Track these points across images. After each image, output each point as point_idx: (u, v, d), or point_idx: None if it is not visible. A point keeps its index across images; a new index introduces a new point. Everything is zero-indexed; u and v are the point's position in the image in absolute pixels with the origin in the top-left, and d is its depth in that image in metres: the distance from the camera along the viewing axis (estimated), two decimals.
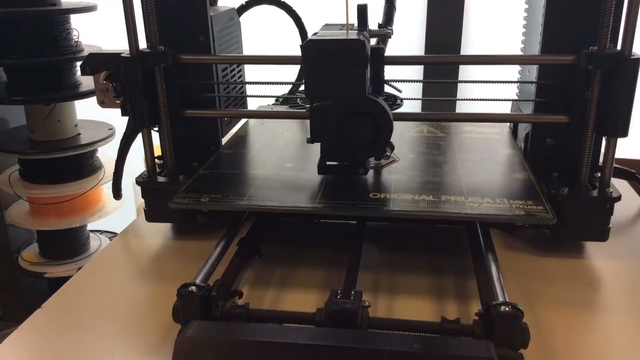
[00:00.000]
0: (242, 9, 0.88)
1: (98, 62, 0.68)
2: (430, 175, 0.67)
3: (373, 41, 0.67)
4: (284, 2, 0.86)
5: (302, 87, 1.00)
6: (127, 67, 0.66)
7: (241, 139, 0.83)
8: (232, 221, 0.69)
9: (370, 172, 0.68)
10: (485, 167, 0.70)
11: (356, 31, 0.64)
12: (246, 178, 0.68)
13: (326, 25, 0.71)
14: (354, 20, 0.65)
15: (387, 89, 0.69)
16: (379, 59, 0.65)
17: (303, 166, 0.71)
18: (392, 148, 0.67)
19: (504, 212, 0.58)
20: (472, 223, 0.67)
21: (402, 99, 0.68)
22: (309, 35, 0.62)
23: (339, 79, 0.60)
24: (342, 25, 0.68)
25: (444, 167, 0.70)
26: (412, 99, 0.67)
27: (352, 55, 0.59)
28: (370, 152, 0.64)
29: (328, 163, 0.67)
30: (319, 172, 0.67)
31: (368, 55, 0.60)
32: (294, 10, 0.87)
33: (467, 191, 0.62)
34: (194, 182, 0.67)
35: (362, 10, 0.65)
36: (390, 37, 0.68)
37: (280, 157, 0.74)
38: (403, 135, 0.72)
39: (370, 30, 0.67)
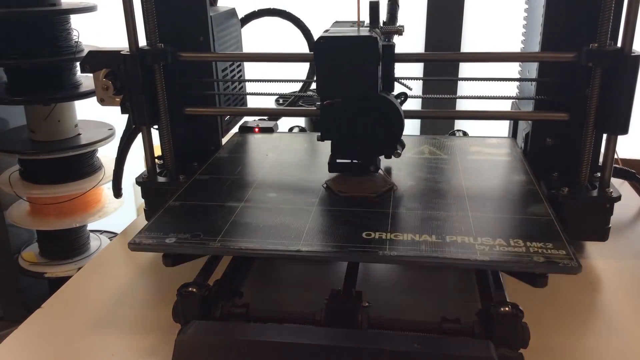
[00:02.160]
0: (245, 20, 0.87)
1: (98, 59, 0.68)
2: (433, 209, 0.59)
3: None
4: (288, 12, 0.86)
5: (307, 89, 1.01)
6: (127, 64, 0.66)
7: (220, 161, 0.75)
8: None
9: (364, 204, 0.61)
10: (496, 198, 0.62)
11: (368, 28, 0.63)
12: (221, 212, 0.60)
13: (337, 22, 0.69)
14: (362, 17, 0.65)
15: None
16: (390, 57, 0.64)
17: (287, 196, 0.64)
18: (403, 146, 0.64)
19: (520, 258, 0.50)
20: None
21: (405, 99, 0.67)
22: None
23: (351, 75, 0.59)
24: (353, 22, 0.66)
25: (448, 197, 0.62)
26: (413, 96, 0.66)
27: (364, 52, 0.58)
28: (382, 149, 0.63)
29: (338, 161, 0.65)
30: (330, 170, 0.66)
31: (380, 52, 0.60)
32: (299, 20, 0.87)
33: (475, 230, 0.54)
34: (161, 217, 0.59)
35: (374, 8, 0.64)
36: (401, 34, 0.67)
37: (262, 185, 0.67)
38: (401, 157, 0.64)
39: (381, 27, 0.66)
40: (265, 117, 0.93)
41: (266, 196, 0.64)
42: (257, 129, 0.88)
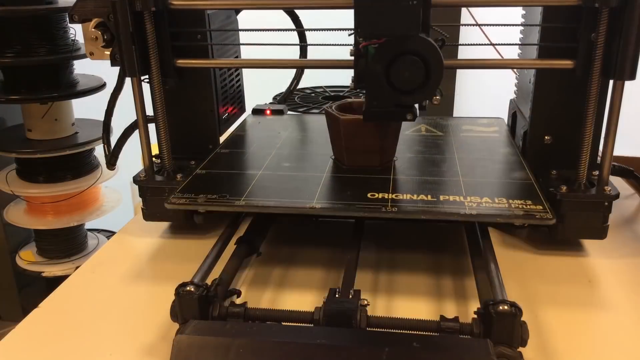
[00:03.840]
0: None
1: (86, 9, 0.67)
2: (429, 175, 0.66)
3: None
4: (291, 10, 0.85)
5: (296, 85, 1.00)
6: (116, 11, 0.65)
7: (238, 138, 0.82)
8: (231, 220, 0.68)
9: (368, 172, 0.68)
10: (484, 166, 0.69)
11: None
12: (243, 178, 0.67)
13: None
14: None
15: None
16: (427, 2, 0.61)
17: (301, 165, 0.71)
18: (441, 94, 0.63)
19: (502, 212, 0.57)
20: (470, 222, 0.67)
21: (442, 44, 0.64)
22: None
23: (392, 14, 0.57)
24: None
25: (442, 166, 0.69)
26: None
27: None
28: (421, 95, 0.61)
29: (374, 109, 0.63)
30: (365, 119, 0.64)
31: None
32: (294, 13, 0.86)
33: (465, 190, 0.62)
34: (191, 182, 0.66)
35: None
36: None
37: (277, 157, 0.73)
38: (400, 135, 0.72)
39: None
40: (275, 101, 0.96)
41: (281, 165, 0.71)
42: (268, 111, 0.94)
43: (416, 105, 0.64)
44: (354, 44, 0.61)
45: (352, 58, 0.63)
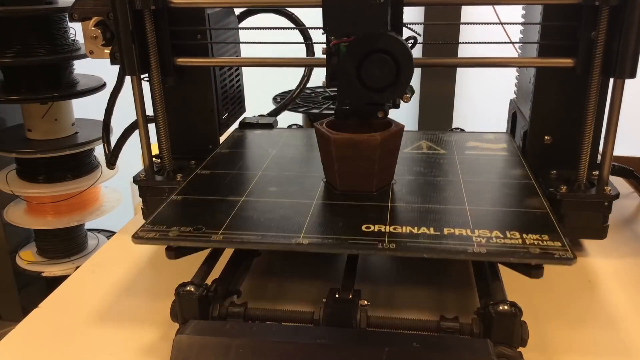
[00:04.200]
0: (242, 16, 0.87)
1: (86, 7, 0.67)
2: (431, 202, 0.60)
3: None
4: (285, 10, 0.85)
5: (302, 90, 1.00)
6: (116, 9, 0.65)
7: (222, 157, 0.76)
8: None
9: (363, 198, 0.61)
10: (493, 191, 0.63)
11: None
12: (223, 206, 0.61)
13: None
14: None
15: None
16: (396, 0, 0.61)
17: (288, 190, 0.64)
18: (413, 92, 0.62)
19: (515, 249, 0.50)
20: None
21: (414, 42, 0.64)
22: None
23: (359, 13, 0.56)
24: None
25: (446, 191, 0.63)
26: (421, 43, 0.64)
27: None
28: (392, 93, 0.60)
29: (345, 107, 0.62)
30: (336, 117, 0.63)
31: None
32: (295, 17, 0.86)
33: (473, 222, 0.55)
34: (164, 210, 0.60)
35: None
36: None
37: (263, 180, 0.67)
38: (400, 152, 0.65)
39: None
40: (265, 114, 0.94)
41: (267, 190, 0.64)
42: (257, 125, 0.88)
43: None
44: (325, 42, 0.61)
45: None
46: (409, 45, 0.60)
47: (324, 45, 0.62)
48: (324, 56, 0.63)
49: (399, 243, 0.52)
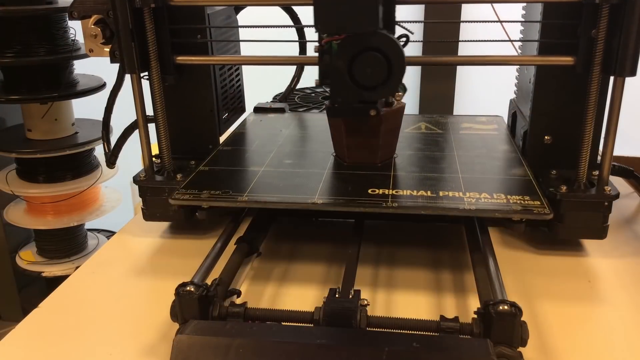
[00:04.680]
0: (238, 8, 0.87)
1: (86, 5, 0.67)
2: (428, 172, 0.67)
3: None
4: (289, 7, 0.85)
5: (295, 84, 1.00)
6: (116, 7, 0.65)
7: (240, 136, 0.83)
8: (230, 220, 0.68)
9: (369, 168, 0.68)
10: (483, 163, 0.70)
11: None
12: (245, 175, 0.68)
13: None
14: None
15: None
16: None
17: (302, 162, 0.71)
18: (405, 89, 0.64)
19: (501, 207, 0.58)
20: (470, 220, 0.67)
21: (407, 41, 0.64)
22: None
23: (350, 11, 0.57)
24: None
25: (442, 163, 0.70)
26: (411, 41, 0.64)
27: None
28: (383, 91, 0.62)
29: (337, 105, 0.63)
30: (329, 115, 0.66)
31: None
32: (292, 10, 0.86)
33: (464, 187, 0.63)
34: (194, 178, 0.67)
35: None
36: None
37: (279, 154, 0.74)
38: (400, 132, 0.72)
39: None
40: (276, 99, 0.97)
41: (283, 162, 0.71)
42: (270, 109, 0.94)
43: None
44: (317, 40, 0.61)
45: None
46: (401, 43, 0.61)
47: (316, 44, 0.62)
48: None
49: (400, 202, 0.59)
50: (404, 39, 0.63)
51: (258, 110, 0.95)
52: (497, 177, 0.66)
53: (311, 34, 0.73)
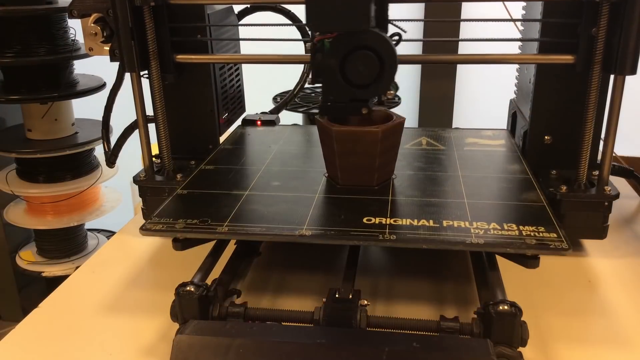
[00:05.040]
0: (241, 15, 0.87)
1: (86, 3, 0.67)
2: (430, 196, 0.61)
3: None
4: (282, 8, 0.85)
5: (301, 88, 1.00)
6: (116, 6, 0.65)
7: (225, 152, 0.77)
8: None
9: (364, 192, 0.62)
10: (491, 186, 0.64)
11: None
12: (228, 199, 0.62)
13: None
14: None
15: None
16: None
17: (291, 185, 0.65)
18: (397, 88, 0.62)
19: (512, 241, 0.52)
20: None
21: (399, 39, 0.64)
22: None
23: (342, 10, 0.56)
24: None
25: (445, 185, 0.64)
26: (411, 40, 0.64)
27: None
28: (374, 90, 0.60)
29: (329, 103, 0.62)
30: (320, 113, 0.64)
31: None
32: (294, 15, 0.86)
33: (471, 215, 0.57)
34: (170, 203, 0.61)
35: None
36: None
37: (266, 174, 0.69)
38: (400, 149, 0.66)
39: None
40: (266, 112, 0.94)
41: (270, 184, 0.66)
42: (259, 122, 0.89)
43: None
44: (310, 38, 0.61)
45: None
46: (394, 42, 0.60)
47: (308, 42, 0.62)
48: None
49: (400, 234, 0.53)
50: (396, 38, 0.62)
51: (246, 122, 0.90)
52: (507, 203, 0.60)
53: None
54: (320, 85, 0.63)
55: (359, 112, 0.62)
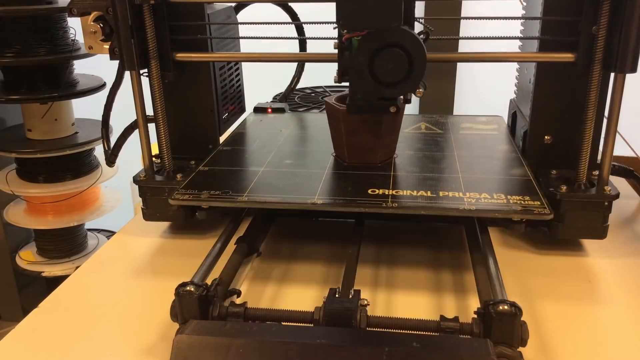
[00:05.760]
0: (238, 8, 0.87)
1: (85, 2, 0.67)
2: (428, 172, 0.67)
3: None
4: (282, 1, 0.85)
5: (295, 85, 1.00)
6: (116, 4, 0.65)
7: (240, 136, 0.83)
8: (230, 220, 0.68)
9: (369, 169, 0.68)
10: (483, 163, 0.70)
11: None
12: (245, 175, 0.68)
13: None
14: None
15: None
16: None
17: (302, 162, 0.71)
18: (425, 87, 0.63)
19: (501, 207, 0.58)
20: (470, 220, 0.67)
21: (427, 37, 0.64)
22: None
23: (373, 7, 0.56)
24: None
25: (442, 163, 0.70)
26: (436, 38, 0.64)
27: None
28: (404, 88, 0.61)
29: (357, 101, 0.63)
30: (348, 111, 0.65)
31: None
32: (290, 8, 0.86)
33: (465, 187, 0.63)
34: (194, 178, 0.67)
35: None
36: None
37: (279, 154, 0.74)
38: (400, 133, 0.72)
39: None
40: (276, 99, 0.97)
41: (283, 162, 0.71)
42: (269, 110, 0.94)
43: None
44: (337, 37, 0.61)
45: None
46: (422, 39, 0.60)
47: (335, 40, 0.62)
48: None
49: (400, 202, 0.59)
50: (423, 35, 0.62)
51: (258, 110, 0.95)
52: (497, 177, 0.66)
53: (311, 32, 0.73)
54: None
55: (386, 110, 0.63)
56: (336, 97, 0.71)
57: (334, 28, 0.61)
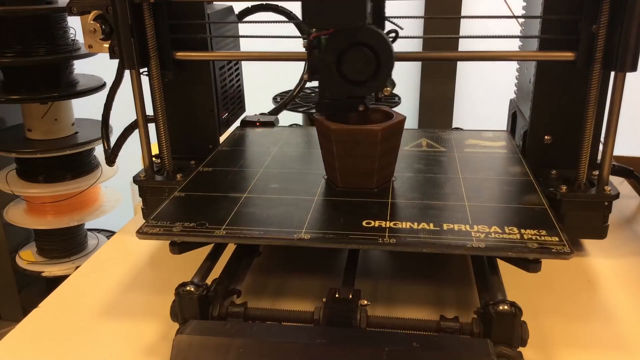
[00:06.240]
0: (242, 15, 0.87)
1: (85, 0, 0.67)
2: (431, 199, 0.61)
3: None
4: (282, 8, 0.85)
5: (301, 88, 1.00)
6: (115, 3, 0.65)
7: (222, 154, 0.77)
8: None
9: (364, 195, 0.62)
10: (492, 188, 0.64)
11: None
12: (225, 202, 0.61)
13: None
14: None
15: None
16: None
17: (290, 187, 0.65)
18: (394, 85, 0.62)
19: (514, 244, 0.51)
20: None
21: (396, 36, 0.64)
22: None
23: (338, 6, 0.56)
24: None
25: (445, 188, 0.64)
26: (410, 37, 0.63)
27: None
28: (372, 86, 0.60)
29: (326, 100, 0.62)
30: (317, 110, 0.63)
31: None
32: (294, 15, 0.86)
33: (472, 218, 0.56)
34: (167, 206, 0.61)
35: None
36: None
37: (264, 177, 0.68)
38: (400, 150, 0.65)
39: None
40: (266, 112, 0.94)
41: (268, 187, 0.65)
42: (258, 123, 0.89)
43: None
44: (306, 35, 0.61)
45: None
46: (390, 38, 0.60)
47: (305, 39, 0.62)
48: None
49: (399, 238, 0.53)
50: (393, 34, 0.62)
51: (245, 124, 0.89)
52: (508, 205, 0.59)
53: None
54: (307, 80, 0.62)
55: (355, 108, 0.61)
56: (326, 115, 0.64)
57: (306, 27, 0.61)
